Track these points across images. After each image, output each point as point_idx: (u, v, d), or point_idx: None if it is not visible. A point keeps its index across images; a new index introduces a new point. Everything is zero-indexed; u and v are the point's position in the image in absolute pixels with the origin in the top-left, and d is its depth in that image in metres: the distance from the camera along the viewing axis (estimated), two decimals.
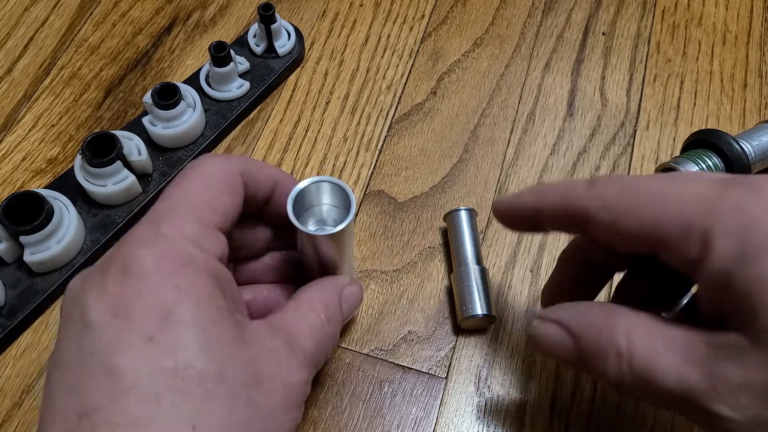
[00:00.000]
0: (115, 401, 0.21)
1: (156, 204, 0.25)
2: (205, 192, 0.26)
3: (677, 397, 0.23)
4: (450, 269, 0.39)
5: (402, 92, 0.47)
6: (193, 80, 0.45)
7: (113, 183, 0.39)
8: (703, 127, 0.45)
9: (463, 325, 0.37)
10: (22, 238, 0.36)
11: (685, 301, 0.30)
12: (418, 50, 0.49)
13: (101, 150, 0.39)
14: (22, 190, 0.40)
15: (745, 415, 0.22)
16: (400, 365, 0.37)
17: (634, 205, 0.24)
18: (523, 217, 0.29)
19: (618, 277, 0.32)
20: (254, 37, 0.47)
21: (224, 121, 0.44)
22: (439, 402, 0.36)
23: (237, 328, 0.24)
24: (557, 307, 0.27)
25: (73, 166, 0.41)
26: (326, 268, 0.35)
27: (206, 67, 0.45)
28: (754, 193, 0.22)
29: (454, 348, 0.37)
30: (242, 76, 0.46)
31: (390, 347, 0.37)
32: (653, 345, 0.24)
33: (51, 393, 0.22)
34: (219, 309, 0.23)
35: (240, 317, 0.25)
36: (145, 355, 0.21)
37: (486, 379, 0.36)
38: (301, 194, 0.32)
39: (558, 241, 0.41)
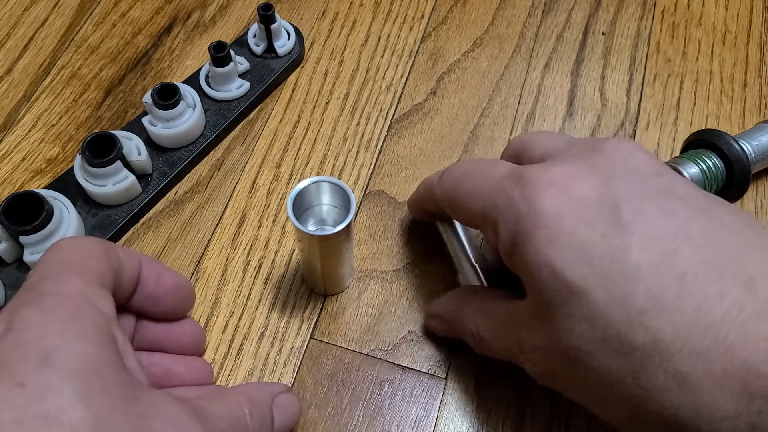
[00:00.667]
0: None
1: (28, 278, 0.24)
2: (73, 258, 0.25)
3: (505, 358, 0.30)
4: (453, 268, 0.39)
5: (402, 92, 0.47)
6: (193, 80, 0.45)
7: (113, 183, 0.39)
8: (703, 127, 0.45)
9: None
10: (22, 238, 0.36)
11: None
12: (417, 50, 0.49)
13: (101, 150, 0.39)
14: (22, 190, 0.40)
15: (540, 368, 0.28)
16: (400, 365, 0.37)
17: (458, 197, 0.30)
18: (417, 208, 0.39)
19: None
20: (254, 37, 0.47)
21: (224, 121, 0.44)
22: (439, 402, 0.36)
23: (126, 385, 0.22)
24: (434, 302, 0.37)
25: (72, 166, 0.41)
26: (326, 268, 0.35)
27: (206, 67, 0.45)
28: (522, 186, 0.26)
29: (454, 348, 0.37)
30: (242, 76, 0.46)
31: (390, 347, 0.37)
32: (487, 324, 0.31)
33: None
34: (106, 362, 0.22)
35: (131, 376, 0.23)
36: (13, 402, 0.19)
37: (486, 379, 0.36)
38: (301, 194, 0.32)
39: None
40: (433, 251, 0.40)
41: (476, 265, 0.36)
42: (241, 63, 0.45)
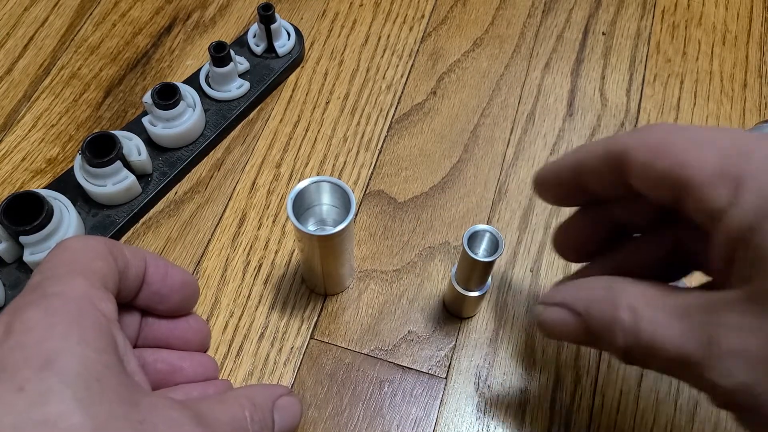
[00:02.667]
0: None
1: (32, 277, 0.24)
2: (78, 258, 0.25)
3: (677, 365, 0.22)
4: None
5: (402, 92, 0.47)
6: (193, 80, 0.45)
7: (113, 183, 0.39)
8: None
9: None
10: (22, 238, 0.36)
11: (684, 280, 0.30)
12: (418, 50, 0.49)
13: (101, 150, 0.39)
14: (22, 190, 0.40)
15: (738, 380, 0.21)
16: (400, 365, 0.37)
17: (672, 145, 0.23)
18: (564, 179, 0.28)
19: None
20: (254, 37, 0.47)
21: (224, 121, 0.44)
22: (439, 402, 0.36)
23: (126, 390, 0.22)
24: (558, 288, 0.27)
25: (72, 166, 0.41)
26: (326, 268, 0.35)
27: (206, 67, 0.45)
28: None
29: (454, 348, 0.37)
30: (242, 76, 0.46)
31: (390, 347, 0.37)
32: (655, 316, 0.23)
33: None
34: (106, 366, 0.22)
35: (131, 380, 0.23)
36: (12, 406, 0.19)
37: (486, 379, 0.36)
38: (301, 194, 0.32)
39: None
40: (433, 251, 0.40)
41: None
42: (241, 63, 0.45)
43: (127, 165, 0.40)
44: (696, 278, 0.28)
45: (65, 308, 0.22)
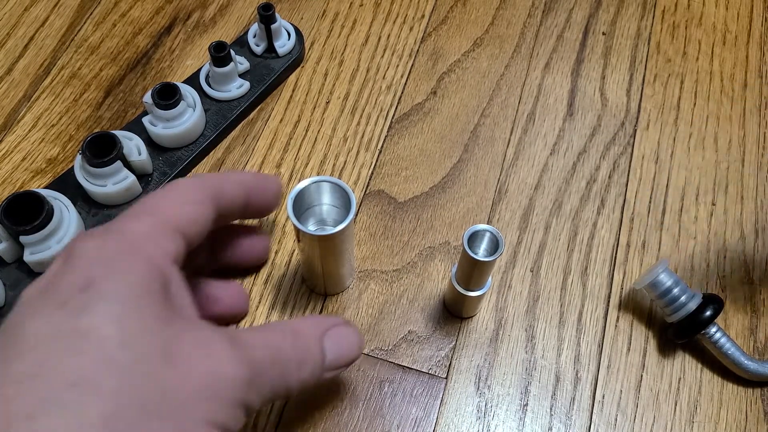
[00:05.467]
0: (7, 361, 0.21)
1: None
2: (169, 200, 0.27)
3: None
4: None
5: (402, 92, 0.47)
6: (193, 80, 0.45)
7: (113, 183, 0.39)
8: (703, 127, 0.45)
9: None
10: (22, 238, 0.36)
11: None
12: (418, 50, 0.49)
13: (101, 150, 0.38)
14: (22, 190, 0.40)
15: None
16: (400, 365, 0.37)
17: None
18: None
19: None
20: (254, 37, 0.47)
21: (224, 121, 0.44)
22: (439, 402, 0.36)
23: (164, 311, 0.23)
24: None
25: (73, 166, 0.41)
26: (326, 268, 0.35)
27: (206, 67, 0.45)
28: None
29: (454, 348, 0.37)
30: (242, 76, 0.46)
31: (390, 347, 0.37)
32: None
33: None
34: (148, 292, 0.23)
35: (173, 307, 0.24)
36: (52, 319, 0.22)
37: (486, 379, 0.36)
38: (301, 194, 0.32)
39: (558, 241, 0.41)
40: (433, 251, 0.40)
41: None
42: (241, 63, 0.45)
43: (127, 165, 0.40)
44: None
45: (118, 242, 0.24)
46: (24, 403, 0.20)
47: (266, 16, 0.45)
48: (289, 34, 0.47)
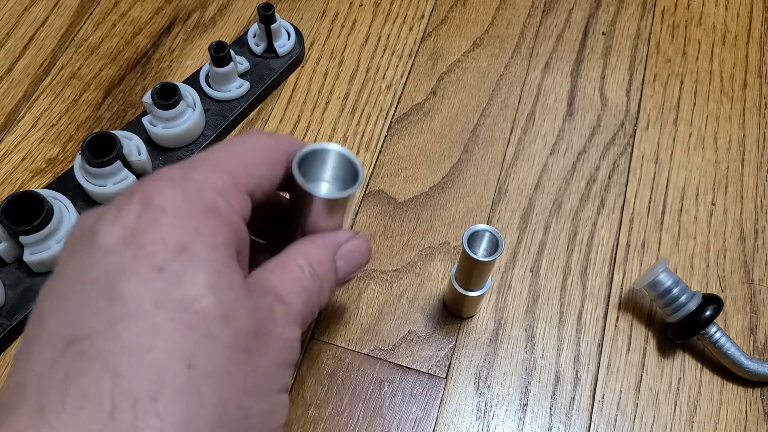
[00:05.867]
0: (110, 328, 0.19)
1: (195, 155, 0.25)
2: (244, 157, 0.25)
3: None
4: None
5: (402, 92, 0.47)
6: (193, 80, 0.45)
7: (113, 183, 0.39)
8: (703, 127, 0.45)
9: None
10: (22, 238, 0.36)
11: None
12: (417, 50, 0.49)
13: (101, 150, 0.39)
14: (22, 190, 0.40)
15: None
16: (400, 365, 0.37)
17: None
18: None
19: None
20: (254, 37, 0.47)
21: (224, 121, 0.44)
22: (439, 402, 0.36)
23: (243, 279, 0.23)
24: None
25: (73, 166, 0.41)
26: (313, 228, 0.32)
27: (206, 67, 0.45)
28: None
29: (454, 348, 0.37)
30: (242, 76, 0.46)
31: (390, 347, 0.37)
32: None
33: (40, 321, 0.21)
34: (232, 257, 0.23)
35: (244, 271, 0.24)
36: (152, 284, 0.20)
37: (486, 379, 0.36)
38: (306, 159, 0.29)
39: (558, 241, 0.41)
40: (433, 251, 0.40)
41: None
42: (241, 63, 0.45)
43: (127, 165, 0.40)
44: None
45: (201, 198, 0.23)
46: (144, 381, 0.19)
47: (266, 16, 0.45)
48: (288, 34, 0.47)
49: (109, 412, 0.18)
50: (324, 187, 0.32)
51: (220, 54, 0.43)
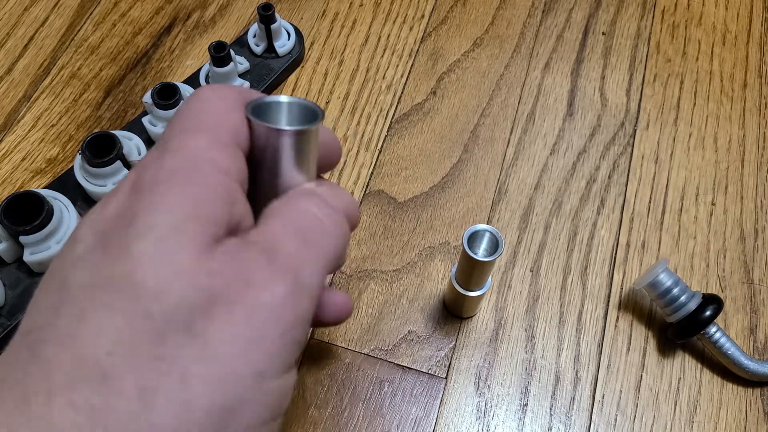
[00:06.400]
0: (54, 317, 0.19)
1: (163, 132, 0.24)
2: (208, 109, 0.23)
3: None
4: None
5: (402, 92, 0.47)
6: (193, 80, 0.45)
7: (113, 183, 0.39)
8: (703, 127, 0.45)
9: None
10: (22, 238, 0.36)
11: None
12: (418, 50, 0.49)
13: (101, 150, 0.39)
14: (22, 190, 0.40)
15: None
16: (400, 365, 0.37)
17: None
18: None
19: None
20: (254, 37, 0.47)
21: None
22: (439, 402, 0.36)
23: (212, 242, 0.21)
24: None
25: (73, 166, 0.41)
26: (286, 185, 0.26)
27: (206, 67, 0.45)
28: None
29: (454, 348, 0.37)
30: (242, 76, 0.46)
31: (390, 347, 0.37)
32: None
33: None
34: (197, 218, 0.20)
35: (243, 232, 0.22)
36: (93, 266, 0.19)
37: (486, 379, 0.36)
38: (259, 113, 0.25)
39: (558, 241, 0.41)
40: (433, 251, 0.40)
41: None
42: (241, 63, 0.45)
43: (127, 165, 0.40)
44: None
45: (176, 161, 0.21)
46: (63, 370, 0.18)
47: (266, 16, 0.45)
48: (288, 34, 0.47)
49: (27, 403, 0.18)
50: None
51: (220, 54, 0.43)
